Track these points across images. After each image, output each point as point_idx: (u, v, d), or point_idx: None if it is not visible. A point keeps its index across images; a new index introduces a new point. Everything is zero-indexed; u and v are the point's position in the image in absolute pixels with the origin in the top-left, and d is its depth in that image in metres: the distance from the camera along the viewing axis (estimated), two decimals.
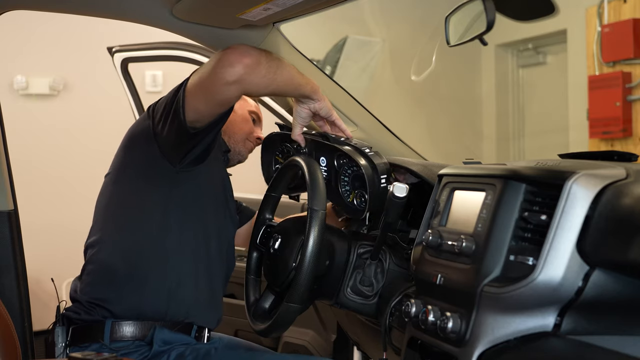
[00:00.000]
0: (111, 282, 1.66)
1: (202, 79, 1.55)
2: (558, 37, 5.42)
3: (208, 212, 1.76)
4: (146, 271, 1.66)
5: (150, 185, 1.70)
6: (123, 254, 1.68)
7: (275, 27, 1.97)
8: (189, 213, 1.71)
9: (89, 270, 1.71)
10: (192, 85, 1.57)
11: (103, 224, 1.73)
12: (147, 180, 1.70)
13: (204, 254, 1.73)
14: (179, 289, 1.67)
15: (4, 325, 1.57)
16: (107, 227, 1.72)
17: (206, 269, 1.74)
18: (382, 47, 5.55)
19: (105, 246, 1.70)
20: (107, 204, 1.74)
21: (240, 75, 1.49)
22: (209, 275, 1.75)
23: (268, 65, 1.55)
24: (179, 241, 1.68)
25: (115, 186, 1.75)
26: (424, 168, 1.67)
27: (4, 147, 1.92)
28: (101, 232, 1.72)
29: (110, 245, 1.69)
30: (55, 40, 4.42)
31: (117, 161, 1.77)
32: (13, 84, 4.38)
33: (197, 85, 1.56)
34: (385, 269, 1.56)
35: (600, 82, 4.73)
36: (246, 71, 1.50)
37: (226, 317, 2.66)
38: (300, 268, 1.44)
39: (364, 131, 2.17)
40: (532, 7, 1.62)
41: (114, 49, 2.99)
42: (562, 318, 1.06)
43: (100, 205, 1.77)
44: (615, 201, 1.02)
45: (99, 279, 1.68)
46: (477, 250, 1.17)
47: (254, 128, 1.97)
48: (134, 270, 1.66)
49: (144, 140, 1.71)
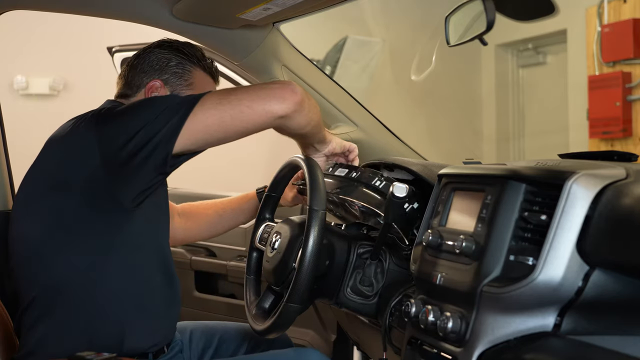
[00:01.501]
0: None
1: (237, 108, 1.42)
2: (558, 37, 5.42)
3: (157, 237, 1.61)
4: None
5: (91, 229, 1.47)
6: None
7: (275, 27, 1.97)
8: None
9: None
10: (207, 113, 1.41)
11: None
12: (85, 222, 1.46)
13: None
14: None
15: (3, 326, 1.57)
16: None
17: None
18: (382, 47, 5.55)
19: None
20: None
21: (289, 112, 1.46)
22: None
23: (309, 105, 1.51)
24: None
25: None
26: (424, 168, 1.67)
27: (4, 147, 1.92)
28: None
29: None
30: (55, 40, 4.42)
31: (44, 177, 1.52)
32: (13, 84, 4.39)
33: (222, 113, 1.42)
34: (385, 269, 1.56)
35: (600, 82, 4.73)
36: (295, 109, 1.47)
37: (226, 317, 2.67)
38: (300, 268, 1.44)
39: (364, 131, 2.17)
40: (532, 7, 1.62)
41: (114, 49, 2.98)
42: (562, 318, 1.06)
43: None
44: (615, 201, 1.02)
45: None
46: (477, 250, 1.17)
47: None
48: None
49: (80, 175, 1.45)
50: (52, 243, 1.47)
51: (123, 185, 1.43)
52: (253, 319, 1.64)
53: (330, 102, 2.13)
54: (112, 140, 1.41)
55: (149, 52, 1.68)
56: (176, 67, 1.65)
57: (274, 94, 1.45)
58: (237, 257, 2.72)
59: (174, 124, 1.39)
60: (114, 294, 1.49)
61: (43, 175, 1.51)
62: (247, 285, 1.77)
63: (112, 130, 1.43)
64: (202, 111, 1.41)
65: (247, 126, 1.44)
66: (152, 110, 1.42)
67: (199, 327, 1.78)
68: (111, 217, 1.47)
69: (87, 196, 1.44)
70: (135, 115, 1.44)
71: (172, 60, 1.66)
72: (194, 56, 1.68)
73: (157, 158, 1.40)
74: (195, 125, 1.40)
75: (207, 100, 1.43)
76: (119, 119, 1.45)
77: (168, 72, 1.65)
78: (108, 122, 1.45)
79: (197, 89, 1.66)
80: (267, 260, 1.64)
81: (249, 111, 1.43)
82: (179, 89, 1.65)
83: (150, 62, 1.66)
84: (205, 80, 1.70)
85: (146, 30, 2.01)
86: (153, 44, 1.71)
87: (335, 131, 2.16)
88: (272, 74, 2.00)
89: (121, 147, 1.40)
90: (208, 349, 1.76)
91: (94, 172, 1.42)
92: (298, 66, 2.07)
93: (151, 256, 1.57)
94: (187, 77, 1.66)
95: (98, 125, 1.45)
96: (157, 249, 1.59)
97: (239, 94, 1.44)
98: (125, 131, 1.41)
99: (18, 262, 1.53)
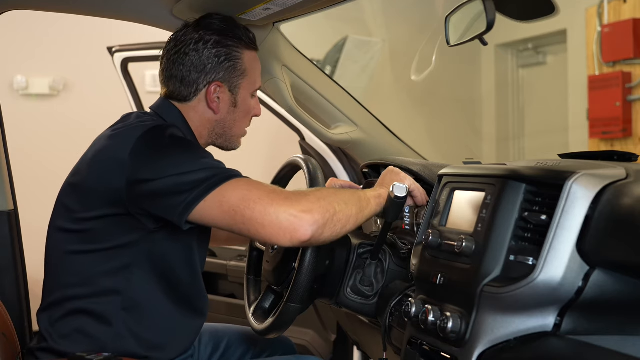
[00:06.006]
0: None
1: (248, 218, 1.35)
2: (558, 37, 5.42)
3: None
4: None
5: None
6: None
7: (275, 27, 1.97)
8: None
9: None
10: (224, 209, 1.37)
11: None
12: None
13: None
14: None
15: (4, 325, 1.57)
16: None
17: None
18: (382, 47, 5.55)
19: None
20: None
21: (312, 237, 1.35)
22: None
23: (341, 209, 1.38)
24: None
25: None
26: (424, 168, 1.67)
27: (4, 147, 1.92)
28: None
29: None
30: (55, 40, 4.42)
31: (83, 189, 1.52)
32: (13, 84, 4.38)
33: (235, 214, 1.36)
34: (385, 269, 1.56)
35: (600, 82, 4.72)
36: (317, 231, 1.34)
37: (226, 317, 2.67)
38: (300, 268, 1.44)
39: (364, 131, 2.17)
40: (532, 7, 1.62)
41: (114, 49, 2.99)
42: (562, 318, 1.06)
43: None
44: (615, 201, 1.02)
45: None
46: (477, 250, 1.17)
47: (252, 108, 1.70)
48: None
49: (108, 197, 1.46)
50: (86, 245, 1.49)
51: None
52: (253, 319, 1.64)
53: (330, 102, 2.13)
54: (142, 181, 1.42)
55: (195, 48, 1.60)
56: (227, 62, 1.61)
57: (277, 225, 1.33)
58: (237, 257, 2.72)
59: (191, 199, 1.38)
60: (137, 304, 1.49)
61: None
62: (247, 285, 1.77)
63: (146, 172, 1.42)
64: (208, 210, 1.38)
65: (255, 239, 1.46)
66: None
67: (207, 330, 1.78)
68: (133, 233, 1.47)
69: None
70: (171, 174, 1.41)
71: (221, 56, 1.61)
72: (235, 38, 1.63)
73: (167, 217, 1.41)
74: (197, 215, 1.39)
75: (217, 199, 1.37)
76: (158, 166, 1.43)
77: (221, 69, 1.61)
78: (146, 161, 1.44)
79: (249, 73, 1.65)
80: (267, 260, 1.64)
81: (259, 231, 1.36)
82: (235, 81, 1.63)
83: (201, 59, 1.60)
84: (252, 57, 1.67)
85: (146, 30, 2.01)
86: (190, 34, 1.62)
87: (335, 131, 2.16)
88: (273, 74, 2.00)
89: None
90: (215, 352, 1.77)
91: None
92: (298, 66, 2.07)
93: (182, 268, 1.56)
94: (239, 65, 1.63)
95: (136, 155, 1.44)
96: (187, 263, 1.57)
97: (259, 204, 1.34)
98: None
99: (53, 255, 1.55)
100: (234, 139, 1.69)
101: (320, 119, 2.16)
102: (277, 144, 4.39)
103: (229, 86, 1.62)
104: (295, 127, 2.43)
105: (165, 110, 1.62)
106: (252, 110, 1.69)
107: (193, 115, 1.62)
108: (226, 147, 1.70)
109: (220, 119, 1.64)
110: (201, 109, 1.62)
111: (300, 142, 2.46)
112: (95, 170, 1.49)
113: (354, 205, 1.42)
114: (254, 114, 1.70)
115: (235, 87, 1.63)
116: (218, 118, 1.63)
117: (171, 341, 1.55)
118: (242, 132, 1.70)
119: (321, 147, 2.37)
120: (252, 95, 1.68)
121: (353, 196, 1.44)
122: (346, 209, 1.39)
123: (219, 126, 1.65)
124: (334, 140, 2.17)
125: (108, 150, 1.49)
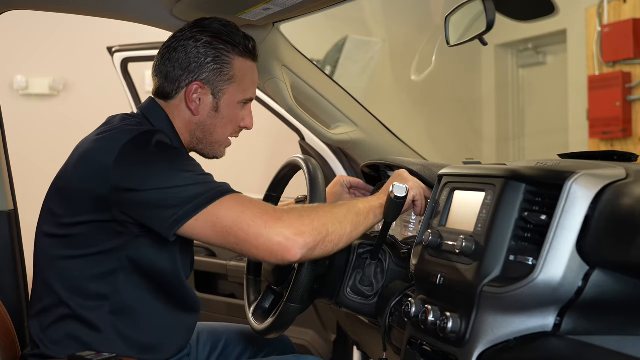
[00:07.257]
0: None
1: (243, 240, 1.36)
2: (558, 37, 5.43)
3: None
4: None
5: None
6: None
7: (275, 27, 1.97)
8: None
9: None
10: (217, 229, 1.37)
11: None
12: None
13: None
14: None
15: (3, 325, 1.57)
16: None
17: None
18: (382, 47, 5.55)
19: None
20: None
21: (302, 258, 1.37)
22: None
23: (334, 230, 1.40)
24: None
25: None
26: (424, 168, 1.67)
27: (4, 147, 1.92)
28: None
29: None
30: (55, 40, 4.42)
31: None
32: (13, 84, 4.39)
33: (230, 234, 1.36)
34: (385, 269, 1.56)
35: (600, 82, 4.73)
36: (307, 253, 1.36)
37: (226, 317, 2.67)
38: (300, 268, 1.45)
39: (364, 131, 2.17)
40: (532, 7, 1.62)
41: (114, 49, 2.99)
42: (562, 318, 1.06)
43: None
44: (615, 201, 1.02)
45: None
46: (477, 250, 1.17)
47: (239, 117, 1.64)
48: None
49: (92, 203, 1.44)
50: (71, 251, 1.47)
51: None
52: (253, 319, 1.64)
53: (330, 102, 2.13)
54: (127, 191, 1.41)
55: (184, 44, 1.58)
56: (214, 64, 1.57)
57: (271, 244, 1.34)
58: (237, 257, 2.72)
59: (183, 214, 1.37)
60: (127, 306, 1.48)
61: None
62: (247, 285, 1.77)
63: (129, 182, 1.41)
64: (199, 226, 1.37)
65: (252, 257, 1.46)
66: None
67: (205, 329, 1.78)
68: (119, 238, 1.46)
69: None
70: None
71: (208, 57, 1.56)
72: (229, 43, 1.58)
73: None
74: (186, 230, 1.38)
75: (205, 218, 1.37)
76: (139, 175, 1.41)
77: (206, 70, 1.57)
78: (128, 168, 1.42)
79: (238, 81, 1.59)
80: None
81: (258, 249, 1.37)
82: (220, 85, 1.58)
83: (188, 57, 1.57)
84: (245, 66, 1.61)
85: (146, 30, 2.01)
86: (185, 32, 1.59)
87: (335, 131, 2.16)
88: (272, 74, 2.00)
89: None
90: (214, 351, 1.76)
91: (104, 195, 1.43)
92: (298, 66, 2.07)
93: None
94: (227, 70, 1.58)
95: (118, 164, 1.42)
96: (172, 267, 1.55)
97: (253, 227, 1.35)
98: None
99: (41, 261, 1.53)
100: (215, 146, 1.63)
101: (320, 119, 2.16)
102: (277, 144, 4.40)
103: (211, 89, 1.57)
104: (295, 127, 2.43)
105: (152, 111, 1.59)
106: (240, 120, 1.63)
107: (177, 116, 1.59)
108: (207, 154, 1.64)
109: (199, 122, 1.59)
110: (182, 109, 1.58)
111: (300, 142, 2.46)
112: (79, 174, 1.46)
113: (349, 223, 1.43)
114: (243, 125, 1.64)
115: (218, 92, 1.58)
116: (197, 120, 1.59)
117: (165, 341, 1.54)
118: (225, 141, 1.64)
119: (321, 147, 2.36)
120: (242, 104, 1.62)
121: (349, 213, 1.44)
122: (340, 228, 1.40)
123: (198, 129, 1.60)
124: (333, 140, 2.17)
125: (92, 154, 1.46)
